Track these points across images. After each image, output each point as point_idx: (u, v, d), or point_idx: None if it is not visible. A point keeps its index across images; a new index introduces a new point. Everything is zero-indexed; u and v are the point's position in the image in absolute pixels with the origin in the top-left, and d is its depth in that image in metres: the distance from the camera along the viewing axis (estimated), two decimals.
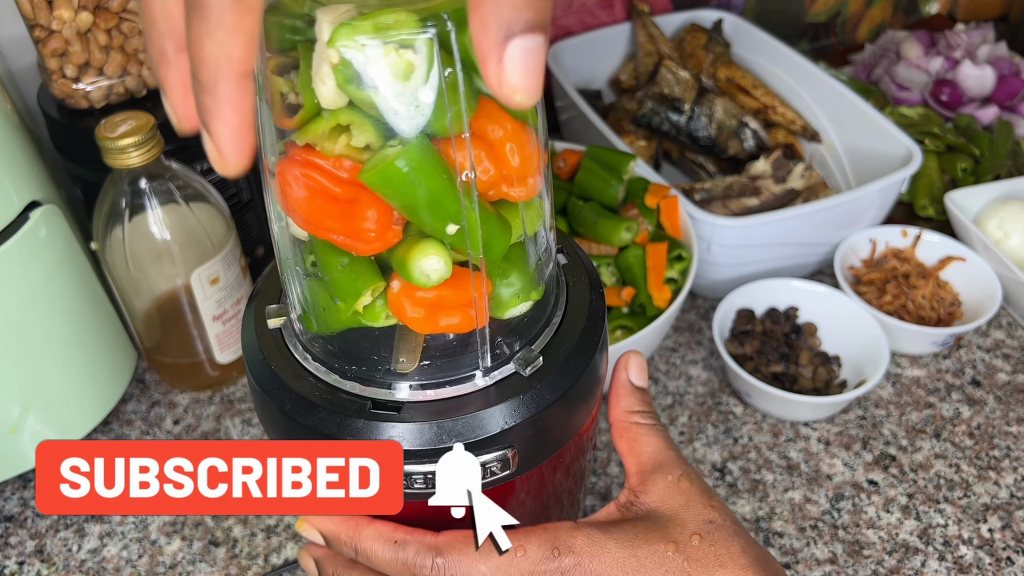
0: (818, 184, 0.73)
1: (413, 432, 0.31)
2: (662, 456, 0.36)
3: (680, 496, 0.35)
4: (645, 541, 0.33)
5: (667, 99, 0.78)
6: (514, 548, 0.32)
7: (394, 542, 0.33)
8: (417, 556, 0.32)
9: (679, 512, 0.34)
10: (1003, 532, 0.54)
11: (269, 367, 0.33)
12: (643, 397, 0.38)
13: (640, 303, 0.61)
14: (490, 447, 0.32)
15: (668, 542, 0.33)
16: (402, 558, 0.33)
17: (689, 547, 0.33)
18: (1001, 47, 0.91)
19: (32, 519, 0.56)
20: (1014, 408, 0.62)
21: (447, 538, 0.33)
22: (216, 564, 0.53)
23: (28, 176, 0.52)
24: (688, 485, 0.35)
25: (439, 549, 0.32)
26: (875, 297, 0.67)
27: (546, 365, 0.33)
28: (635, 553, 0.33)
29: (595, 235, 0.62)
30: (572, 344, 0.34)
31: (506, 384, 0.33)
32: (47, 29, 0.55)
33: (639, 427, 0.37)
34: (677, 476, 0.35)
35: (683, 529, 0.34)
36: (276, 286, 0.37)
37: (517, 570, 0.32)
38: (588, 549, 0.33)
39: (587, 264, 0.38)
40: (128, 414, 0.63)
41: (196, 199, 0.55)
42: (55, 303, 0.53)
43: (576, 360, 0.34)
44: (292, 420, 0.32)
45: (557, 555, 0.32)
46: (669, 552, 0.33)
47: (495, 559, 0.32)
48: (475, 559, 0.32)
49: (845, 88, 0.77)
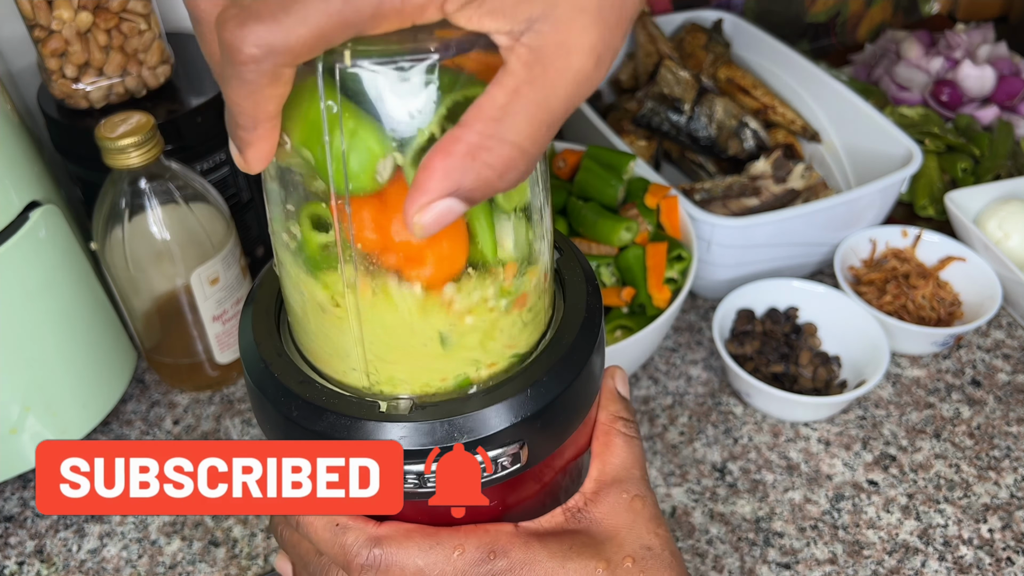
0: (818, 184, 0.73)
1: (424, 431, 0.31)
2: (625, 472, 0.36)
3: (627, 515, 0.35)
4: (578, 555, 0.33)
5: (667, 99, 0.78)
6: (452, 546, 0.33)
7: (335, 524, 0.33)
8: (355, 544, 0.32)
9: (620, 531, 0.34)
10: (1003, 532, 0.54)
11: (272, 375, 0.33)
12: (628, 406, 0.39)
13: (640, 303, 0.61)
14: (502, 442, 0.32)
15: (600, 559, 0.33)
16: (340, 542, 0.33)
17: (620, 568, 0.33)
18: (1001, 47, 0.91)
19: (32, 519, 0.56)
20: (1014, 408, 0.62)
21: (388, 530, 0.33)
22: (216, 564, 0.53)
23: (28, 176, 0.52)
24: (640, 507, 0.35)
25: (379, 540, 0.32)
26: (875, 297, 0.67)
27: (550, 356, 0.33)
28: (564, 565, 0.33)
29: (595, 235, 0.62)
30: (573, 337, 0.34)
31: (515, 378, 0.33)
32: (47, 29, 0.55)
33: (619, 435, 0.37)
34: (631, 496, 0.36)
35: (619, 550, 0.34)
36: (272, 290, 0.37)
37: (452, 568, 0.32)
38: (521, 557, 0.33)
39: (580, 258, 0.38)
40: (128, 414, 0.63)
41: (196, 199, 0.55)
42: (55, 303, 0.53)
43: (579, 351, 0.34)
44: (299, 426, 0.32)
45: (492, 558, 0.33)
46: (599, 570, 0.33)
47: (432, 555, 0.32)
48: (412, 553, 0.32)
49: (845, 88, 0.77)
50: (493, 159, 0.24)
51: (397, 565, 0.32)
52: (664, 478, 0.58)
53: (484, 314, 0.32)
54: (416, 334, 0.31)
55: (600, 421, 0.38)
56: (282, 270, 0.33)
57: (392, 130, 0.26)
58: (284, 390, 0.33)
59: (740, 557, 0.53)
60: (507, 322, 0.32)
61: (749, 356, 0.63)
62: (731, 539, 0.54)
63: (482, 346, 0.32)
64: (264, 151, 0.26)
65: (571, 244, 0.39)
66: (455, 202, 0.24)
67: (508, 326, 0.33)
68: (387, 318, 0.30)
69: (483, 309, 0.31)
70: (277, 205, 0.31)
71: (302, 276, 0.31)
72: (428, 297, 0.30)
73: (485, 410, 0.32)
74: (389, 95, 0.26)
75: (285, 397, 0.33)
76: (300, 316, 0.33)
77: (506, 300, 0.32)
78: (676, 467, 0.58)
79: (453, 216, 0.25)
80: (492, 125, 0.24)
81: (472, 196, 0.24)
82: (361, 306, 0.30)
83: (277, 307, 0.37)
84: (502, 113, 0.24)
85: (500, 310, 0.32)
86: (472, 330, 0.32)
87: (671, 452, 0.59)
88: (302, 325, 0.34)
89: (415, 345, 0.31)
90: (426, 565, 0.32)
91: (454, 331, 0.31)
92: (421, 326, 0.31)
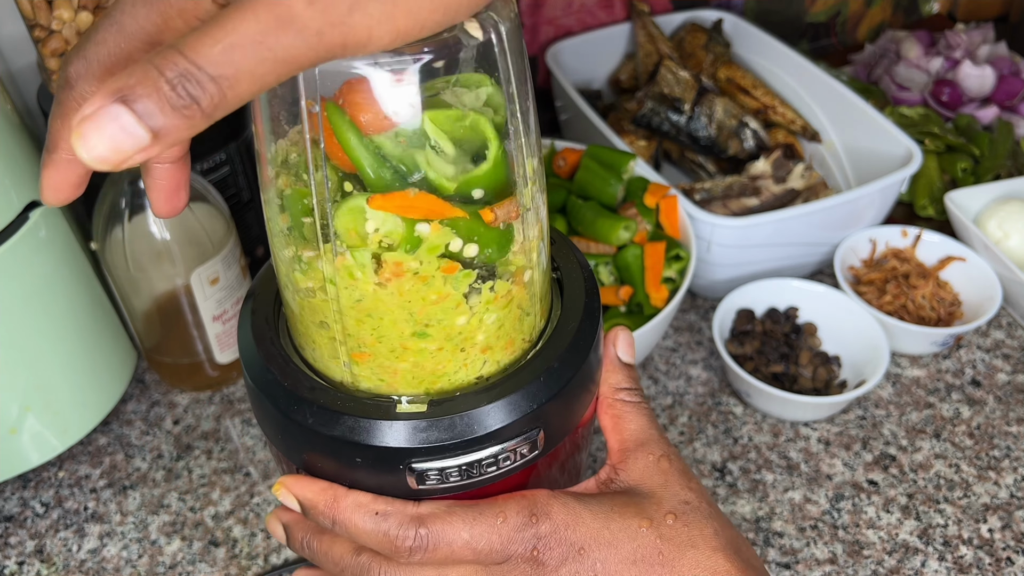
0: (818, 184, 0.73)
1: (444, 427, 0.31)
2: (644, 435, 0.36)
3: (659, 475, 0.35)
4: (620, 515, 0.33)
5: (667, 99, 0.78)
6: (494, 514, 0.32)
7: (375, 513, 0.33)
8: (400, 527, 0.32)
9: (656, 491, 0.35)
10: (1003, 532, 0.54)
11: (283, 385, 0.33)
12: (630, 374, 0.38)
13: (637, 302, 0.61)
14: (520, 431, 0.32)
15: (643, 518, 0.33)
16: (383, 529, 0.32)
17: (663, 525, 0.33)
18: (1001, 47, 0.91)
19: (32, 519, 0.56)
20: (1014, 408, 0.62)
21: (429, 508, 0.33)
22: (216, 564, 0.53)
23: (28, 176, 0.52)
24: (668, 465, 0.35)
25: (421, 519, 0.32)
26: (875, 297, 0.67)
27: (556, 344, 0.34)
28: (608, 525, 0.33)
29: (593, 234, 0.62)
30: (577, 321, 0.35)
31: (526, 367, 0.33)
32: (47, 29, 0.55)
33: (624, 404, 0.37)
34: (658, 456, 0.36)
35: (659, 507, 0.34)
36: (269, 292, 0.37)
37: (498, 536, 0.32)
38: (564, 517, 0.33)
39: (574, 251, 0.38)
40: (128, 414, 0.63)
41: (196, 199, 0.55)
42: (55, 303, 0.53)
43: (584, 335, 0.34)
44: (315, 432, 0.32)
45: (535, 521, 0.33)
46: (643, 528, 0.33)
47: (477, 526, 0.32)
48: (458, 527, 0.32)
49: (845, 88, 0.77)
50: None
51: (444, 541, 0.32)
52: None
53: (489, 305, 0.32)
54: (423, 325, 0.31)
55: (602, 395, 0.38)
56: (279, 261, 0.33)
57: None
58: (295, 397, 0.32)
59: None
60: (510, 313, 0.33)
61: (749, 356, 0.63)
62: None
63: (489, 337, 0.32)
64: (55, 180, 0.28)
65: (563, 236, 0.39)
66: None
67: (511, 317, 0.33)
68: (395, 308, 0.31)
69: (488, 300, 0.31)
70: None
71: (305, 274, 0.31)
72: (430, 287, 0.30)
73: (502, 400, 0.32)
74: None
75: (298, 404, 0.32)
76: (300, 315, 0.33)
77: (508, 289, 0.32)
78: None
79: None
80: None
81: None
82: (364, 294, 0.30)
83: (276, 308, 0.37)
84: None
85: (503, 300, 0.32)
86: (479, 322, 0.32)
87: None
88: (303, 330, 0.34)
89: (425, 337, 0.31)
90: (472, 537, 0.32)
91: (461, 323, 0.31)
92: (430, 314, 0.31)
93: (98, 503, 0.57)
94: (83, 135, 0.21)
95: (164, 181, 0.32)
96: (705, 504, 0.35)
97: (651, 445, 0.36)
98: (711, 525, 0.34)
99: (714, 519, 0.34)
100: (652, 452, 0.36)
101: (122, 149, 0.21)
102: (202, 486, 0.58)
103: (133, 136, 0.21)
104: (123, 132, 0.21)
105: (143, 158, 0.21)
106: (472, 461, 0.32)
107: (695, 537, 0.33)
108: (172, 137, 0.21)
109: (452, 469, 0.32)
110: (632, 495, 0.35)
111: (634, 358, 0.39)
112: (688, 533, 0.33)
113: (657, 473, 0.35)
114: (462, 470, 0.32)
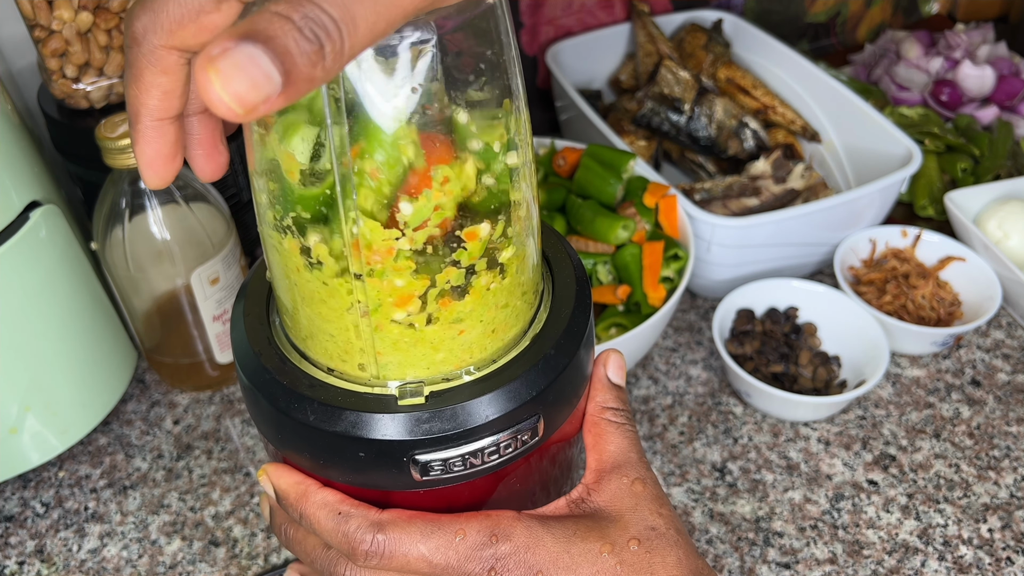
0: (818, 184, 0.73)
1: (446, 417, 0.31)
2: (623, 456, 0.36)
3: (630, 498, 0.35)
4: (582, 539, 0.33)
5: (667, 99, 0.78)
6: (454, 531, 0.32)
7: (338, 513, 0.33)
8: (359, 530, 0.32)
9: (625, 514, 0.34)
10: (1003, 532, 0.54)
11: (282, 384, 0.33)
12: (619, 394, 0.38)
13: (635, 301, 0.61)
14: (521, 418, 0.32)
15: (605, 542, 0.33)
16: (343, 530, 0.33)
17: (625, 551, 0.33)
18: (1001, 47, 0.91)
19: (32, 519, 0.56)
20: (1014, 408, 0.62)
21: (391, 516, 0.33)
22: (216, 564, 0.53)
23: (28, 176, 0.52)
24: (641, 489, 0.35)
25: (381, 525, 0.32)
26: (875, 297, 0.67)
27: (552, 331, 0.34)
28: (569, 549, 0.33)
29: (592, 233, 0.63)
30: (570, 308, 0.35)
31: (523, 355, 0.33)
32: (47, 29, 0.55)
33: (608, 423, 0.37)
34: (632, 479, 0.35)
35: (624, 532, 0.34)
36: (260, 291, 0.37)
37: (455, 553, 0.32)
38: (525, 540, 0.33)
39: (564, 244, 0.39)
40: (128, 414, 0.63)
41: (196, 199, 0.55)
42: (55, 303, 0.53)
43: (576, 323, 0.35)
44: (317, 430, 0.32)
45: (495, 542, 0.33)
46: (604, 553, 0.33)
47: (434, 540, 0.32)
48: (415, 538, 0.32)
49: (845, 88, 0.77)
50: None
51: (400, 551, 0.32)
52: (664, 478, 0.58)
53: (481, 293, 0.32)
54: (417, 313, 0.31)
55: (588, 413, 0.38)
56: (272, 252, 0.32)
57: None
58: (295, 395, 0.33)
59: (740, 557, 0.53)
60: (505, 301, 0.33)
61: (749, 356, 0.63)
62: (731, 539, 0.54)
63: (483, 325, 0.32)
64: (148, 155, 0.27)
65: (550, 228, 0.39)
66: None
67: (506, 305, 0.33)
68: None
69: (480, 288, 0.31)
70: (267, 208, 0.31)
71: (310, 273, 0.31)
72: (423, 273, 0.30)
73: (502, 389, 0.32)
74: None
75: (298, 402, 0.32)
76: (302, 313, 0.33)
77: (501, 280, 0.32)
78: (676, 467, 0.59)
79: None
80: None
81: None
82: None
83: (268, 305, 0.37)
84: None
85: (497, 289, 0.32)
86: (470, 308, 0.32)
87: (671, 452, 0.59)
88: (300, 322, 0.34)
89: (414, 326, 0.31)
90: (428, 551, 0.32)
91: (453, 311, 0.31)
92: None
93: (98, 503, 0.57)
94: (221, 70, 0.19)
95: (202, 135, 0.29)
96: (673, 531, 0.34)
97: (628, 468, 0.36)
98: (674, 553, 0.34)
99: (679, 547, 0.34)
100: (627, 475, 0.36)
101: (261, 88, 0.20)
102: (202, 486, 0.58)
103: (270, 79, 0.20)
104: (260, 73, 0.20)
105: (267, 109, 0.20)
106: (475, 450, 0.32)
107: (655, 564, 0.33)
108: (298, 88, 0.20)
109: (455, 459, 0.32)
110: (598, 519, 0.34)
111: (624, 380, 0.39)
112: (649, 560, 0.33)
113: (629, 496, 0.35)
114: (465, 459, 0.32)
